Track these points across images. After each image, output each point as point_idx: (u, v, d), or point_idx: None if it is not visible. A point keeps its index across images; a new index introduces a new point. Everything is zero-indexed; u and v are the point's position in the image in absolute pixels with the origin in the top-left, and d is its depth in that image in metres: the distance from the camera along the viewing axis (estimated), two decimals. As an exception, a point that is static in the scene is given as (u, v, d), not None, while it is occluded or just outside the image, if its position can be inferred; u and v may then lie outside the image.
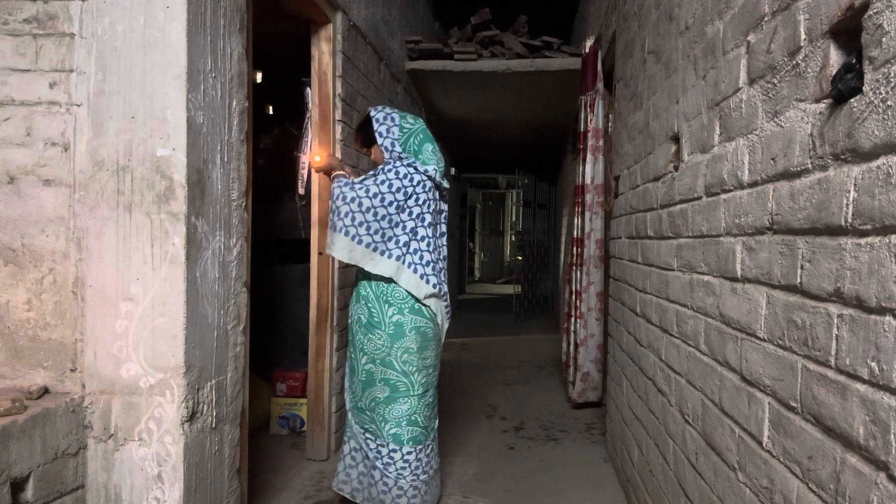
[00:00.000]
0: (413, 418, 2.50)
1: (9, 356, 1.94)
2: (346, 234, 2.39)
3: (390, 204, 2.41)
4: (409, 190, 2.44)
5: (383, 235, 2.41)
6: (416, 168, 2.47)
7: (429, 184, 2.49)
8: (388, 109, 2.62)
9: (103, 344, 1.91)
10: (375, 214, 2.40)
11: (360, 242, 2.39)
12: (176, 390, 1.90)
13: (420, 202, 2.46)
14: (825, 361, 1.00)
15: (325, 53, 3.23)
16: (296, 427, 3.62)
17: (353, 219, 2.39)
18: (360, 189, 2.42)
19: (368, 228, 2.39)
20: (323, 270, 3.23)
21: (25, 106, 1.94)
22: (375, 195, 2.41)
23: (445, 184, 2.57)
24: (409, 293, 2.47)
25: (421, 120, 2.65)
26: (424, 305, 2.50)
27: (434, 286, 2.50)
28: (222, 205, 2.10)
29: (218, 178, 2.07)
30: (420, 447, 2.52)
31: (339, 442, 3.40)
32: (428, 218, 2.49)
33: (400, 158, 2.50)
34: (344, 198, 2.41)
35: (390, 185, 2.42)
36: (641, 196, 2.52)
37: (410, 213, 2.45)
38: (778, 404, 1.18)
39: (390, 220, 2.42)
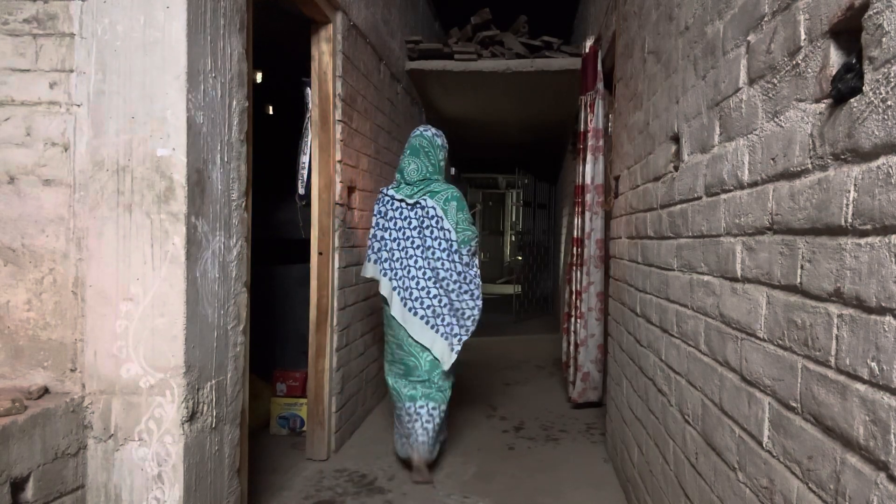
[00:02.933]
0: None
1: (9, 356, 1.94)
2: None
3: (373, 227, 3.21)
4: (376, 209, 3.21)
5: (369, 248, 3.22)
6: (381, 191, 3.22)
7: (385, 198, 3.18)
8: (417, 132, 3.28)
9: (103, 344, 1.91)
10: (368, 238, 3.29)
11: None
12: (176, 390, 1.90)
13: (387, 217, 3.17)
14: (825, 361, 1.00)
15: (325, 53, 3.23)
16: (296, 427, 3.62)
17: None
18: None
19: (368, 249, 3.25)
20: (323, 270, 3.23)
21: (25, 106, 1.94)
22: None
23: (398, 195, 3.15)
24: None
25: (415, 136, 3.25)
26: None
27: (385, 273, 3.14)
28: (222, 205, 2.10)
29: (218, 178, 2.07)
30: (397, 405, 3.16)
31: (340, 442, 3.41)
32: (391, 228, 3.15)
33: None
34: None
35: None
36: (641, 196, 2.52)
37: (379, 226, 3.18)
38: (778, 404, 1.18)
39: (371, 237, 3.21)
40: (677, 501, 1.87)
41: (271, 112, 4.84)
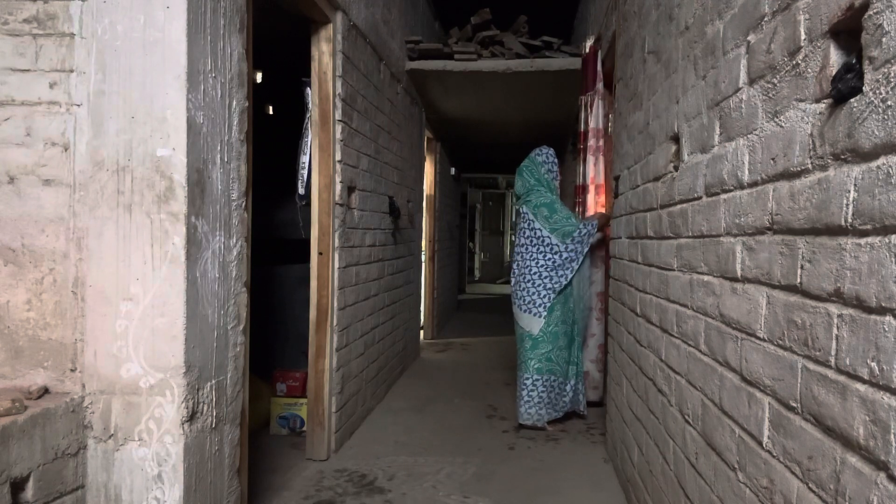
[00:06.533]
0: None
1: (9, 356, 1.94)
2: None
3: None
4: None
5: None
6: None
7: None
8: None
9: (103, 344, 1.91)
10: None
11: None
12: (176, 390, 1.90)
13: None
14: (825, 361, 1.00)
15: (325, 53, 3.23)
16: (296, 427, 3.62)
17: None
18: None
19: None
20: (323, 270, 3.23)
21: (25, 106, 1.94)
22: None
23: (516, 206, 4.14)
24: None
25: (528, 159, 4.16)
26: None
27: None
28: (222, 205, 2.10)
29: (218, 178, 2.07)
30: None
31: (340, 442, 3.40)
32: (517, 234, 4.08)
33: None
34: None
35: None
36: (641, 196, 2.52)
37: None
38: (778, 404, 1.18)
39: None
40: (677, 501, 1.87)
41: (271, 112, 4.84)
